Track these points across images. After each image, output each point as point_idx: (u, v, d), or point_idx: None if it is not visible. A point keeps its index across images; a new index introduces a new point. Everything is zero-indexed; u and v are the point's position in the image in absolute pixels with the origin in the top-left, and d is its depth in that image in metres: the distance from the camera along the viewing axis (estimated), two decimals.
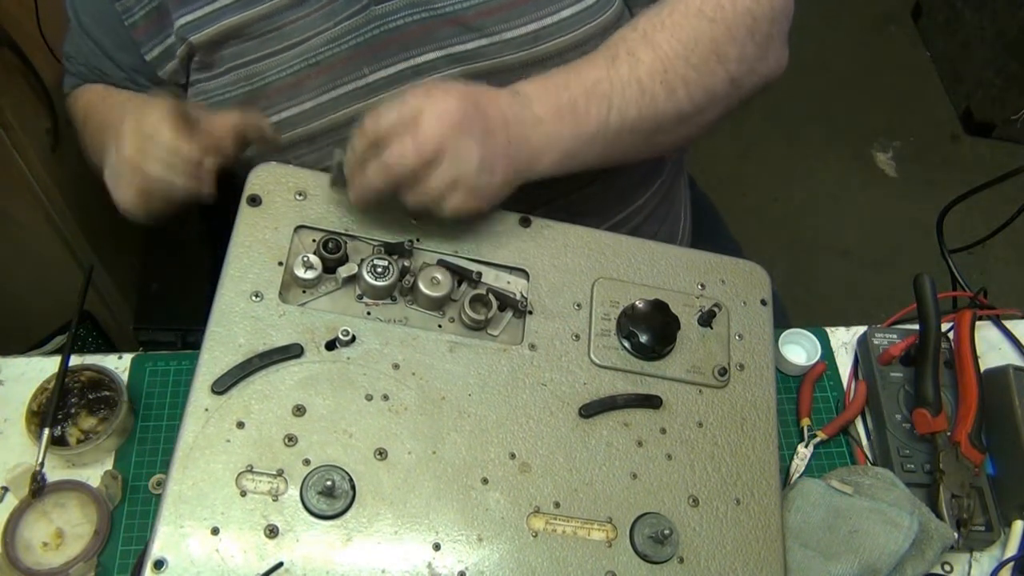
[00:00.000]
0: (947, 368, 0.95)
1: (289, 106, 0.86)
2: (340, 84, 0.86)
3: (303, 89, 0.86)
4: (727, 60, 0.82)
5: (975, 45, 2.48)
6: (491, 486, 0.72)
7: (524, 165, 0.76)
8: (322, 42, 0.84)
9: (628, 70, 0.79)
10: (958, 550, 0.88)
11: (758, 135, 2.47)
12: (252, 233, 0.77)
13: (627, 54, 0.80)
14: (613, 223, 1.00)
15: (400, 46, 0.84)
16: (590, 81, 0.78)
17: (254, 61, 0.86)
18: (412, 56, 0.84)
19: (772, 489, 0.77)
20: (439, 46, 0.84)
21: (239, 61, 0.86)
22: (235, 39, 0.85)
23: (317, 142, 0.87)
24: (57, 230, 1.41)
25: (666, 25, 0.81)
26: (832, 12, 2.80)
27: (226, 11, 0.84)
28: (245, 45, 0.85)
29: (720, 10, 0.81)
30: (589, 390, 0.77)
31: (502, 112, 0.74)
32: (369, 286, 0.76)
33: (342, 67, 0.85)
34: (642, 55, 0.79)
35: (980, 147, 2.51)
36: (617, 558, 0.72)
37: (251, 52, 0.86)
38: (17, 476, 0.82)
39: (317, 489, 0.68)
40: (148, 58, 0.89)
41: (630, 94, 0.79)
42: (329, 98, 0.86)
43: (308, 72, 0.85)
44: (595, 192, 0.93)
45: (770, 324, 0.85)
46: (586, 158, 0.80)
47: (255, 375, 0.71)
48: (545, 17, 0.82)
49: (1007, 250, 2.21)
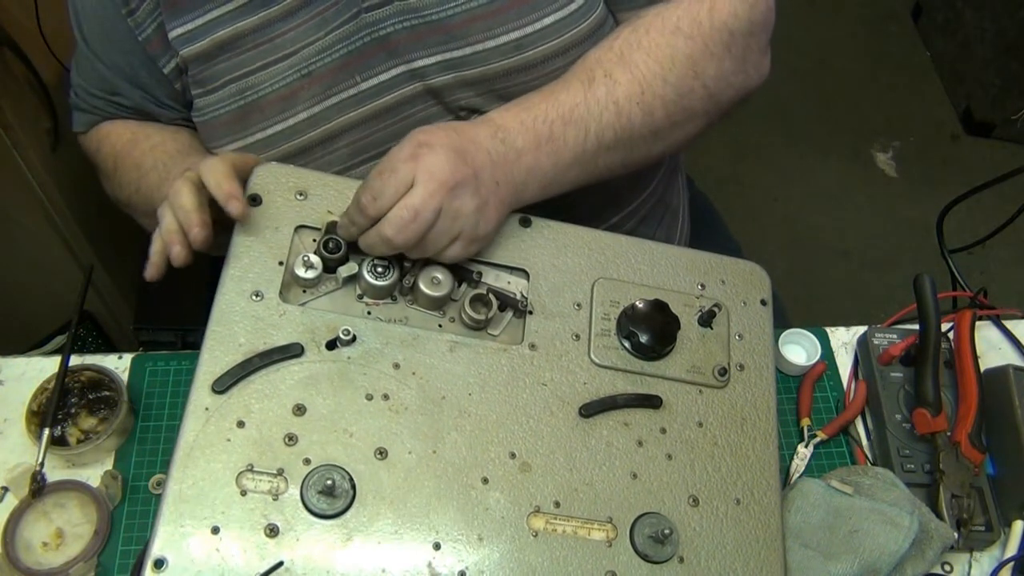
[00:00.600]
0: (947, 368, 0.95)
1: (283, 118, 0.86)
2: (333, 93, 0.86)
3: (297, 100, 0.86)
4: (705, 76, 0.82)
5: (975, 45, 2.48)
6: (491, 486, 0.72)
7: (512, 199, 0.79)
8: (314, 52, 0.84)
9: (605, 92, 0.80)
10: (958, 550, 0.88)
11: (758, 135, 2.47)
12: (253, 232, 0.77)
13: (604, 76, 0.80)
14: (606, 226, 1.00)
15: (389, 53, 0.84)
16: (567, 107, 0.79)
17: (248, 74, 0.86)
18: (402, 63, 0.84)
19: (772, 489, 0.77)
20: (428, 53, 0.84)
21: (233, 75, 0.86)
22: (228, 52, 0.85)
23: (311, 154, 0.87)
24: (57, 230, 1.41)
25: (643, 44, 0.81)
26: (832, 12, 2.81)
27: (218, 23, 0.84)
28: (239, 58, 0.85)
29: (697, 26, 0.82)
30: (589, 390, 0.77)
31: (488, 155, 0.76)
32: (369, 286, 0.77)
33: (334, 76, 0.85)
34: (619, 76, 0.80)
35: (980, 147, 2.51)
36: (617, 558, 0.72)
37: (244, 65, 0.85)
38: (17, 476, 0.82)
39: (317, 488, 0.68)
40: (166, 71, 0.88)
41: (607, 118, 0.80)
42: (322, 108, 0.86)
43: (301, 83, 0.85)
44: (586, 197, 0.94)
45: (770, 324, 0.85)
46: (567, 182, 0.82)
47: (255, 374, 0.71)
48: (527, 26, 0.83)
49: (1007, 250, 2.21)
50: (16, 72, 1.25)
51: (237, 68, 0.85)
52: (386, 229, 0.72)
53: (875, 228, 2.34)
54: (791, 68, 2.59)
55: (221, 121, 0.87)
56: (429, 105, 0.87)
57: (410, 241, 0.72)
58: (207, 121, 0.88)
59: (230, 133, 0.88)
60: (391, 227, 0.72)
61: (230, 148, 0.88)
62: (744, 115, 2.43)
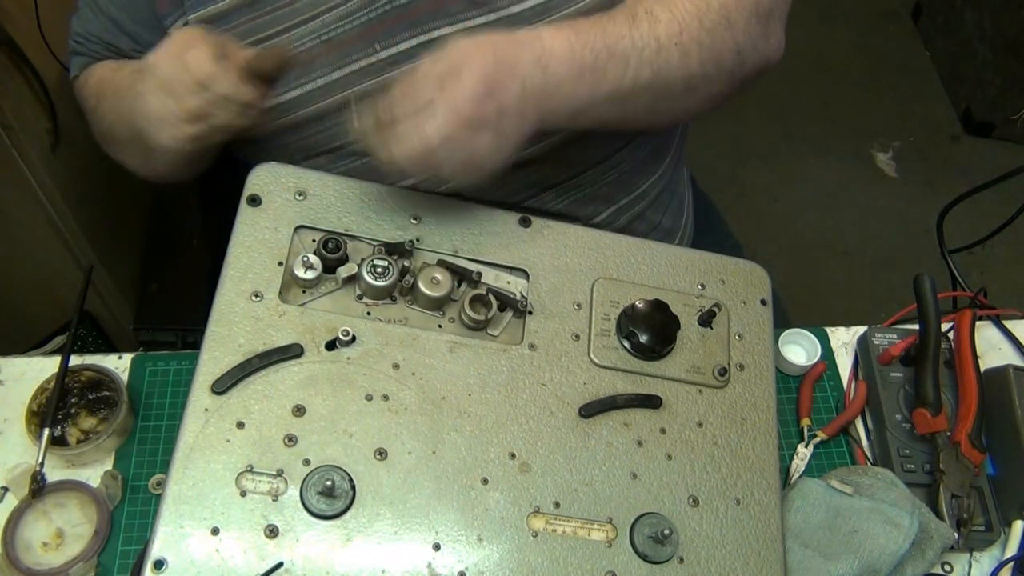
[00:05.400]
0: (947, 368, 0.95)
1: (300, 84, 0.86)
2: (351, 61, 0.85)
3: (315, 66, 0.85)
4: (735, 29, 0.82)
5: (975, 45, 2.48)
6: (491, 486, 0.72)
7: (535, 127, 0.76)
8: (334, 18, 0.84)
9: (648, 28, 0.79)
10: (958, 550, 0.87)
11: (758, 135, 2.47)
12: (252, 233, 0.77)
13: (645, 13, 0.79)
14: (616, 207, 1.00)
15: (410, 22, 0.84)
16: (613, 37, 0.77)
17: (266, 38, 0.85)
18: (422, 32, 0.84)
19: (772, 489, 0.78)
20: (449, 21, 0.83)
21: (252, 38, 0.85)
22: (246, 14, 0.85)
23: (325, 121, 0.87)
24: (57, 230, 1.41)
25: None
26: (832, 12, 2.80)
27: None
28: (257, 21, 0.85)
29: None
30: (589, 390, 0.77)
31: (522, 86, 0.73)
32: (369, 286, 0.77)
33: (353, 44, 0.85)
34: (659, 14, 0.79)
35: (980, 147, 2.51)
36: (617, 558, 0.72)
37: (263, 29, 0.85)
38: (17, 476, 0.82)
39: (317, 489, 0.68)
40: (172, 31, 0.87)
41: (647, 55, 0.78)
42: (340, 75, 0.85)
43: (320, 49, 0.85)
44: (600, 177, 0.93)
45: (770, 324, 0.85)
46: (595, 117, 0.80)
47: (255, 375, 0.71)
48: None
49: (1007, 250, 2.21)
50: (16, 72, 1.25)
51: (256, 32, 0.85)
52: (397, 150, 0.71)
53: (875, 228, 2.34)
54: (791, 68, 2.59)
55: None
56: None
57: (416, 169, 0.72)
58: None
59: None
60: (401, 151, 0.71)
61: None
62: (744, 115, 2.46)
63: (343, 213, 0.79)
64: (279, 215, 0.78)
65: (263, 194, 0.78)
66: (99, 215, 1.47)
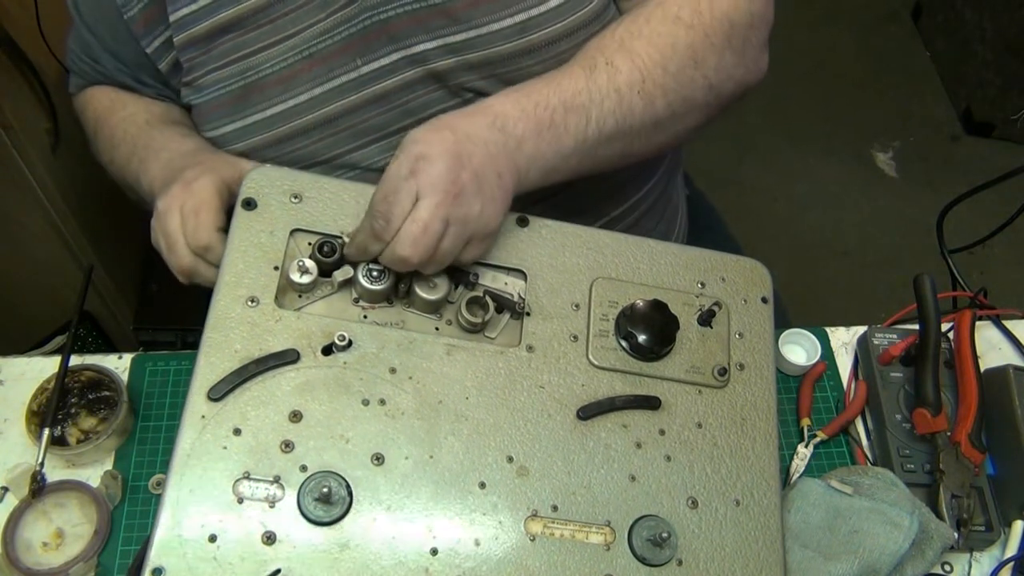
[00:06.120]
0: (947, 368, 0.95)
1: (284, 99, 0.86)
2: (334, 76, 0.86)
3: (297, 82, 0.86)
4: (705, 67, 0.82)
5: (975, 45, 2.48)
6: (489, 490, 0.72)
7: (516, 186, 0.78)
8: (315, 34, 0.85)
9: (607, 79, 0.79)
10: (958, 550, 0.87)
11: (758, 135, 2.47)
12: (247, 237, 0.76)
13: (605, 63, 0.80)
14: (608, 219, 1.00)
15: (390, 37, 0.84)
16: (568, 93, 0.78)
17: (249, 55, 0.86)
18: (403, 47, 0.84)
19: (772, 490, 0.77)
20: (430, 37, 0.83)
21: (235, 56, 0.86)
22: (231, 32, 0.85)
23: (311, 135, 0.87)
24: (57, 230, 1.41)
25: (643, 33, 0.81)
26: (832, 12, 2.80)
27: (222, 4, 0.84)
28: (240, 40, 0.85)
29: (698, 16, 0.81)
30: (587, 392, 0.77)
31: (486, 149, 0.75)
32: (365, 290, 0.76)
33: (335, 59, 0.85)
34: (620, 64, 0.80)
35: (980, 147, 2.51)
36: (615, 561, 0.72)
37: (246, 46, 0.86)
38: (17, 476, 0.82)
39: (314, 495, 0.68)
40: (148, 51, 0.89)
41: (608, 105, 0.79)
42: (323, 90, 0.86)
43: (302, 65, 0.85)
44: (588, 189, 0.93)
45: (771, 322, 0.84)
46: (568, 170, 0.81)
47: (251, 381, 0.71)
48: (531, 8, 0.82)
49: (1007, 250, 2.21)
50: (16, 72, 1.26)
51: (238, 49, 0.86)
52: (400, 249, 0.72)
53: (875, 228, 2.34)
54: (791, 68, 2.59)
55: (220, 102, 0.88)
56: (432, 89, 0.87)
57: (425, 255, 0.72)
58: (205, 102, 0.88)
59: (228, 114, 0.88)
60: (404, 245, 0.72)
61: (228, 130, 0.88)
62: (744, 115, 2.46)
63: (339, 216, 0.79)
64: (274, 218, 0.77)
65: (258, 197, 0.78)
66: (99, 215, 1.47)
